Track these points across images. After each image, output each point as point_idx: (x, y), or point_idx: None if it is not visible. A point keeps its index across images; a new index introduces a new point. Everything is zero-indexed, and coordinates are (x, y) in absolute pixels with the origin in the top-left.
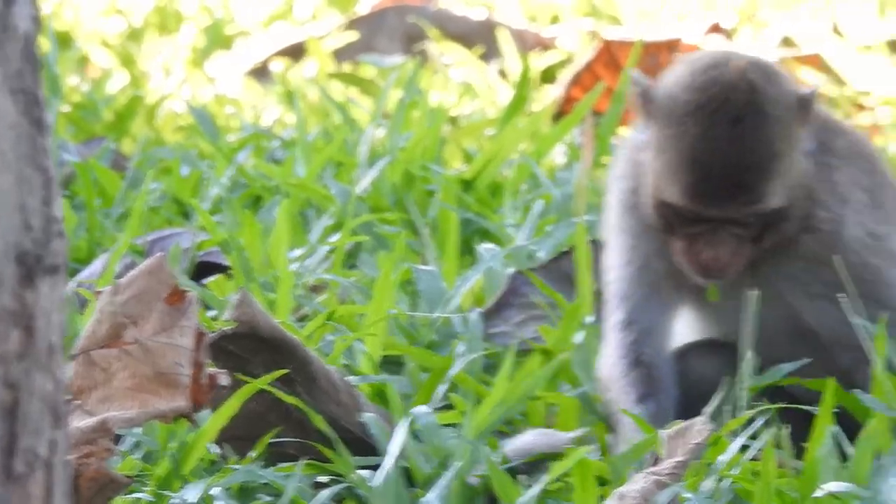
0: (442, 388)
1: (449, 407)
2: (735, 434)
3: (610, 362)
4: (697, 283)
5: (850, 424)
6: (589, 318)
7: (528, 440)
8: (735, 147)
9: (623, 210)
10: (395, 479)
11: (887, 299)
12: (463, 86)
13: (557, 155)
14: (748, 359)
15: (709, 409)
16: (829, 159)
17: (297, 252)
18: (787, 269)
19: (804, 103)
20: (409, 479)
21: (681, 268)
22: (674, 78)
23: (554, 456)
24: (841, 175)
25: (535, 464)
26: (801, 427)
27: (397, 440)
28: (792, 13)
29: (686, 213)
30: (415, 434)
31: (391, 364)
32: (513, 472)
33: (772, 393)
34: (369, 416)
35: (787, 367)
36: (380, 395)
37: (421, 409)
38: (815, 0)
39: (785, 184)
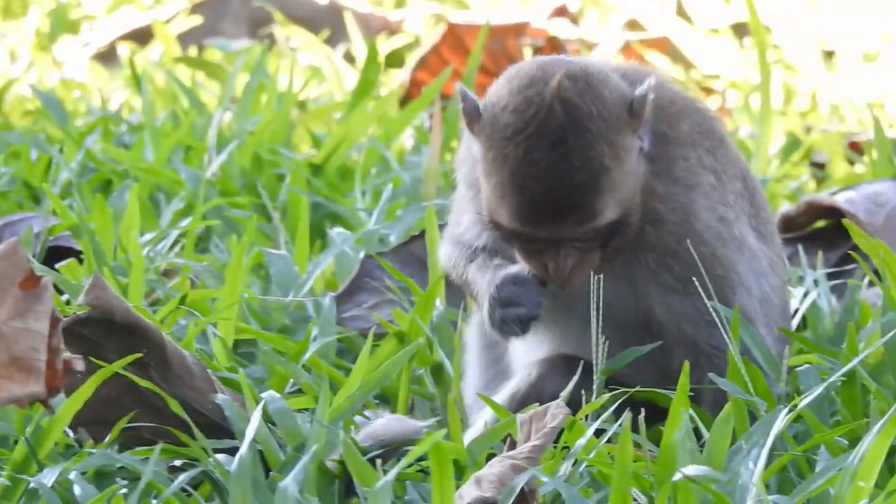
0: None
1: (304, 391)
2: (592, 418)
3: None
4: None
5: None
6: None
7: (381, 425)
8: (557, 169)
9: (472, 193)
10: (251, 464)
11: (736, 297)
12: (310, 70)
13: (406, 138)
14: (601, 342)
15: (564, 392)
16: (671, 149)
17: (149, 236)
18: (638, 261)
19: (636, 107)
20: (267, 463)
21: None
22: (496, 96)
23: (414, 441)
24: (685, 162)
25: (395, 449)
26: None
27: (252, 425)
28: None
29: (519, 236)
30: (271, 419)
31: (244, 348)
32: (372, 457)
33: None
34: (224, 400)
35: (638, 349)
36: (234, 380)
37: (272, 394)
38: None
39: (617, 196)
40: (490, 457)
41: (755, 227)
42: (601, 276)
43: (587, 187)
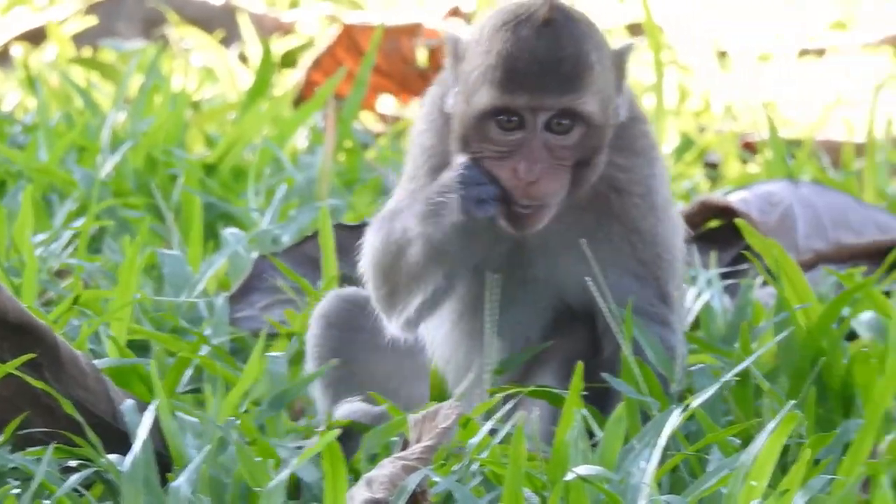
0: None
1: (197, 391)
2: (486, 417)
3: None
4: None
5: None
6: None
7: (357, 408)
8: (544, 43)
9: (427, 169)
10: (143, 464)
11: (671, 289)
12: (204, 70)
13: (300, 139)
14: (493, 341)
15: (458, 391)
16: (634, 124)
17: (42, 237)
18: (603, 233)
19: (621, 55)
20: (162, 463)
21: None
22: (481, 20)
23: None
24: (646, 139)
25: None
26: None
27: (145, 425)
28: None
29: (500, 111)
30: (163, 419)
31: (138, 349)
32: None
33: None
34: (119, 401)
35: (534, 348)
36: (127, 380)
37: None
38: None
39: (599, 97)
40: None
41: None
42: (497, 276)
43: (572, 60)
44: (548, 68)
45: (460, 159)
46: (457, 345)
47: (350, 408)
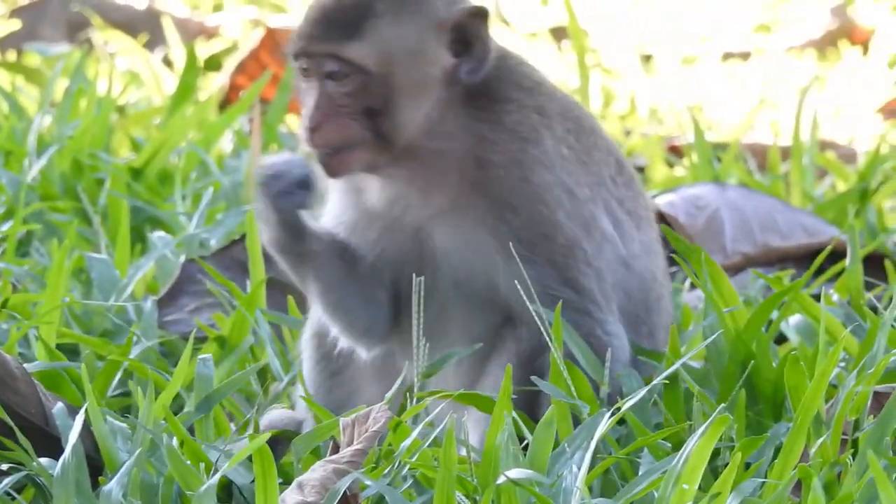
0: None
1: (127, 394)
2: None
3: None
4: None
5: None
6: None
7: (277, 416)
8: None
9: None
10: (75, 467)
11: (581, 277)
12: (129, 74)
13: (225, 143)
14: (422, 343)
15: (388, 394)
16: (513, 108)
17: None
18: (474, 210)
19: (457, 16)
20: (94, 467)
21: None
22: None
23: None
24: (523, 119)
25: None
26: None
27: (76, 429)
28: None
29: (294, 59)
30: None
31: (67, 352)
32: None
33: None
34: (50, 405)
35: (459, 352)
36: (57, 384)
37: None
38: None
39: (382, 48)
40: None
41: (632, 210)
42: (422, 278)
43: (346, 8)
44: (321, 15)
45: (262, 160)
46: (390, 351)
47: (275, 414)
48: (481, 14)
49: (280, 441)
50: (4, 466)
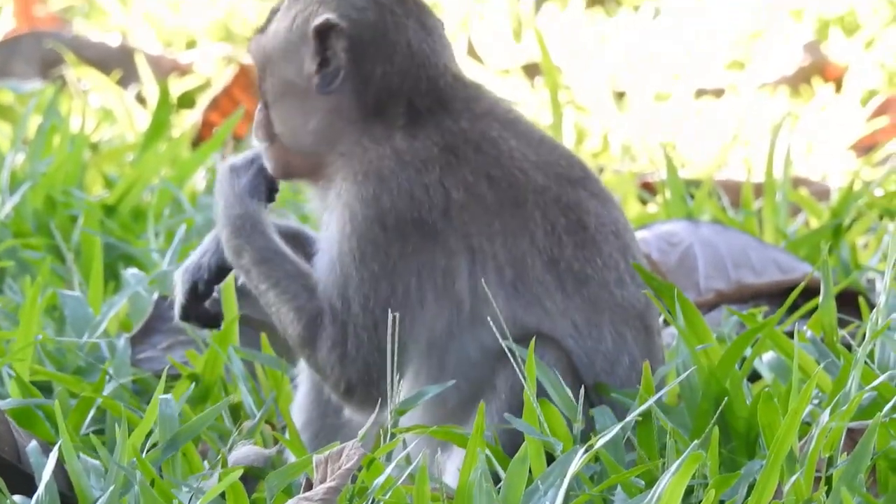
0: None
1: (100, 432)
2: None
3: None
4: None
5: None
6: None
7: (243, 454)
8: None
9: None
10: None
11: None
12: (102, 111)
13: (199, 180)
14: (395, 378)
15: (361, 432)
16: (435, 150)
17: None
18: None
19: (322, 27)
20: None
21: None
22: None
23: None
24: (432, 168)
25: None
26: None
27: (49, 467)
28: None
29: None
30: (67, 460)
31: (40, 389)
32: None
33: None
34: (23, 443)
35: (432, 389)
36: (30, 421)
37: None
38: (449, 24)
39: (265, 44)
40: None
41: (576, 269)
42: (397, 314)
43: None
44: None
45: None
46: None
47: (243, 451)
48: (331, 26)
49: (250, 478)
50: None
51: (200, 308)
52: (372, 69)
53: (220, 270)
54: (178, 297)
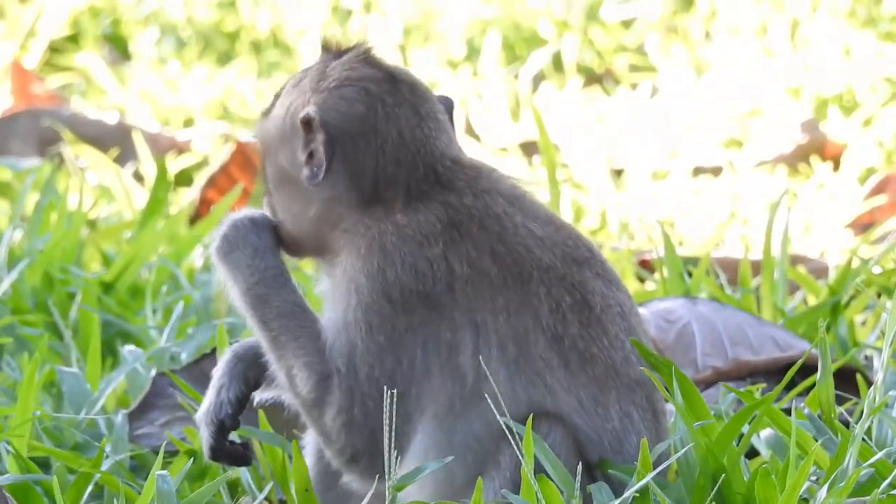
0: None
1: None
2: None
3: None
4: None
5: None
6: None
7: None
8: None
9: None
10: None
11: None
12: (99, 188)
13: (196, 257)
14: (392, 451)
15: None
16: (438, 226)
17: None
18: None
19: (304, 121)
20: None
21: None
22: None
23: None
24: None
25: None
26: None
27: None
28: None
29: None
30: None
31: (38, 465)
32: None
33: None
34: None
35: (432, 465)
36: (27, 498)
37: None
38: None
39: (264, 131)
40: None
41: (580, 348)
42: (394, 390)
43: (271, 103)
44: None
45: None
46: None
47: None
48: (308, 121)
49: None
50: None
51: (228, 446)
52: (364, 160)
53: (240, 402)
54: (206, 439)
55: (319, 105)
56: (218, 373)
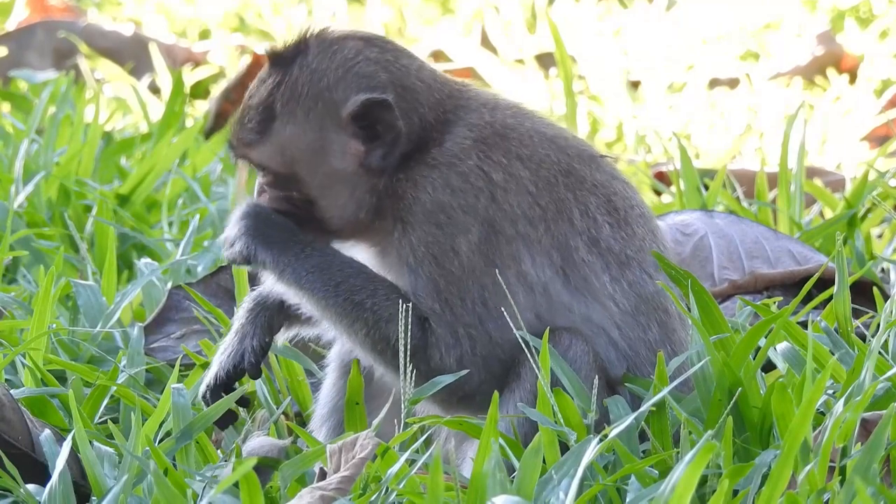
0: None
1: (114, 421)
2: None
3: None
4: None
5: None
6: None
7: (257, 444)
8: (252, 89)
9: None
10: (62, 494)
11: (454, 293)
12: (115, 101)
13: (212, 170)
14: (408, 370)
15: (376, 422)
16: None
17: None
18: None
19: (350, 110)
20: (81, 493)
21: None
22: None
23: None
24: (472, 155)
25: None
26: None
27: (63, 455)
28: (441, 28)
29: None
30: (81, 449)
31: (54, 378)
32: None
33: None
34: (36, 431)
35: (447, 378)
36: (43, 410)
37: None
38: (463, 15)
39: (282, 151)
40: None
41: (615, 250)
42: (409, 304)
43: (254, 115)
44: (238, 118)
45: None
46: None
47: (258, 442)
48: (380, 103)
49: (265, 468)
50: None
51: (222, 396)
52: (411, 116)
53: (264, 351)
54: (209, 378)
55: (356, 90)
56: (241, 320)
